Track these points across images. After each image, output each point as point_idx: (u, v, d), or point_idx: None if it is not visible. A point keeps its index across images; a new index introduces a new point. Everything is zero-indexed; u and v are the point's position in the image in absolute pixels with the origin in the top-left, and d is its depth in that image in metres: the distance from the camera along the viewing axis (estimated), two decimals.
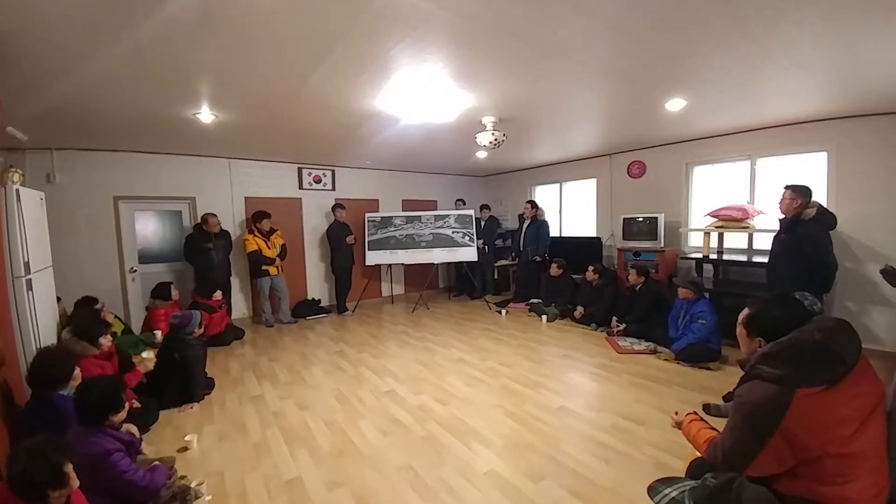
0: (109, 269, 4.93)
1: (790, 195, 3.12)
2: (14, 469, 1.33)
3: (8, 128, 3.43)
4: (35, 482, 1.32)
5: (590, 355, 4.08)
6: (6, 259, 2.57)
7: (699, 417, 1.69)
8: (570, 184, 6.90)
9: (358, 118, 3.73)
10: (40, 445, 1.38)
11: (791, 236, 3.10)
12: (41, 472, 1.33)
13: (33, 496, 1.34)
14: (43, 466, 1.34)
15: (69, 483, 1.40)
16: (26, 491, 1.33)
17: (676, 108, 3.61)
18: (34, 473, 1.32)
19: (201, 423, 2.89)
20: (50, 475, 1.34)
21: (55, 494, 1.36)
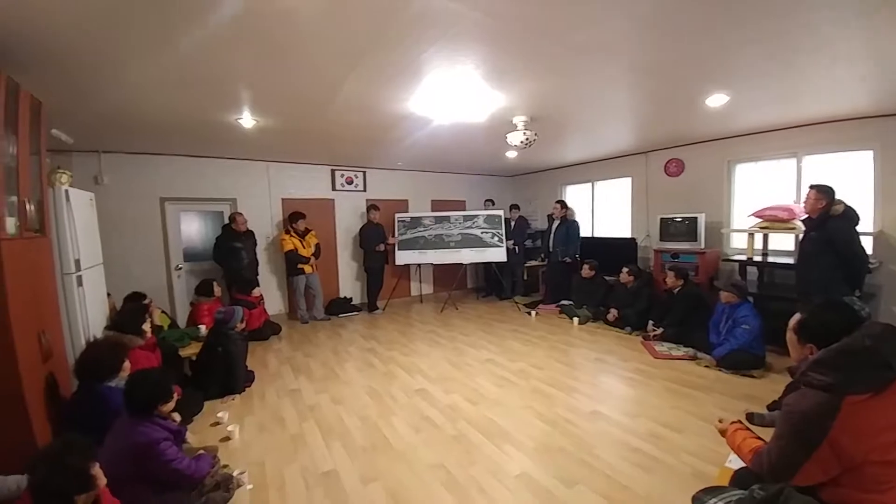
0: (156, 266, 5.24)
1: (815, 195, 3.14)
2: (35, 479, 1.27)
3: (52, 130, 3.58)
4: (59, 491, 1.27)
5: (624, 359, 3.97)
6: (56, 257, 2.74)
7: (744, 426, 1.65)
8: (603, 183, 6.73)
9: (390, 120, 3.79)
10: (61, 451, 1.33)
11: (821, 233, 3.11)
12: (64, 479, 1.27)
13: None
14: (66, 473, 1.28)
15: (94, 484, 1.36)
16: (48, 499, 1.27)
17: (718, 104, 3.47)
18: (57, 482, 1.26)
19: (242, 414, 3.03)
20: (75, 481, 1.29)
21: (82, 498, 1.31)
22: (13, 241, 2.10)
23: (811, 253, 3.20)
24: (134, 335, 2.76)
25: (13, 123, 2.21)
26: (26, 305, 2.16)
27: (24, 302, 2.15)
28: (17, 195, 2.21)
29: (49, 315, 2.49)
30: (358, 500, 2.07)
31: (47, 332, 2.34)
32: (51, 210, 2.70)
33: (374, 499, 2.08)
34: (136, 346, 2.72)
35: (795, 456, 1.26)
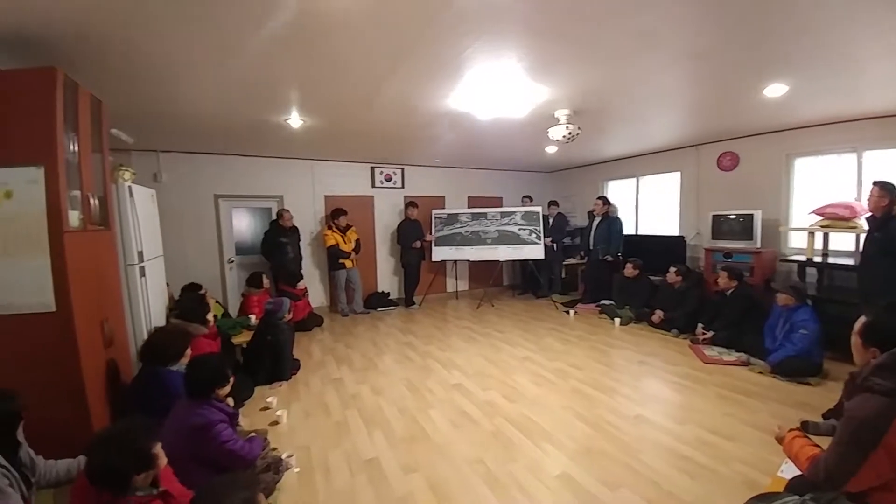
0: (210, 259, 5.59)
1: (878, 192, 2.99)
2: (95, 459, 1.28)
3: (113, 129, 3.81)
4: (118, 471, 1.28)
5: (670, 363, 3.80)
6: (119, 249, 2.95)
7: (802, 434, 1.62)
8: (648, 178, 6.44)
9: (430, 117, 3.83)
10: (124, 432, 1.35)
11: (885, 233, 2.95)
12: (124, 459, 1.29)
13: (115, 484, 1.28)
14: (127, 454, 1.30)
15: (156, 464, 1.39)
16: (108, 480, 1.28)
17: (777, 95, 3.27)
18: (117, 462, 1.28)
19: (289, 400, 3.18)
20: (136, 460, 1.32)
21: (141, 477, 1.33)
22: (76, 233, 2.22)
23: (874, 254, 3.06)
24: (199, 324, 2.96)
25: (73, 121, 2.29)
26: (89, 295, 2.30)
27: (87, 292, 2.28)
28: (80, 190, 2.33)
29: (112, 304, 2.67)
30: (400, 489, 2.13)
31: (110, 321, 2.52)
32: (114, 205, 2.88)
33: (414, 489, 2.12)
34: (200, 334, 2.92)
35: (852, 462, 1.25)
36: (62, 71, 2.13)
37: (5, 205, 2.03)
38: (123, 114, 3.39)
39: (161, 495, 1.36)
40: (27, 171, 2.05)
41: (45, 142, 2.06)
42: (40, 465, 1.78)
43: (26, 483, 1.65)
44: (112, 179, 2.97)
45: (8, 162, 2.03)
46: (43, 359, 2.08)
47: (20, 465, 1.66)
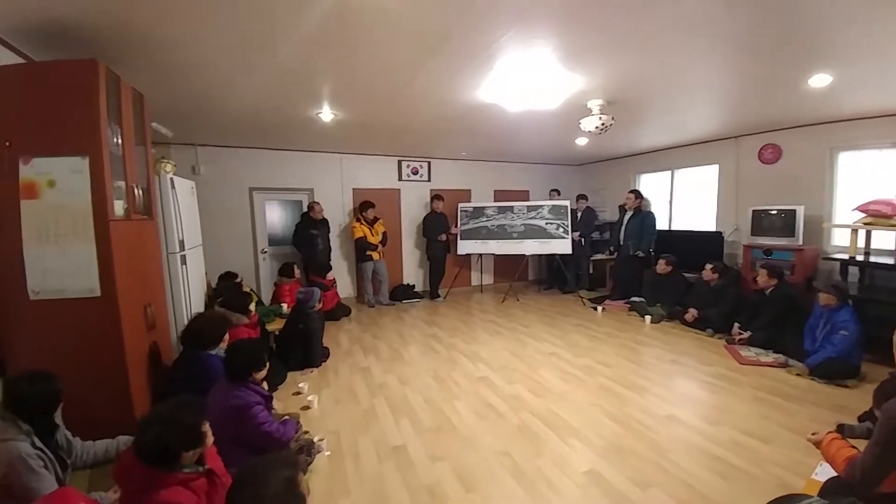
0: (245, 249, 5.80)
1: None
2: (146, 436, 1.31)
3: (153, 123, 3.87)
4: (168, 447, 1.32)
5: (704, 363, 3.67)
6: (162, 238, 3.09)
7: (840, 437, 1.64)
8: (684, 171, 6.19)
9: (459, 110, 3.80)
10: (174, 410, 1.38)
11: None
12: (175, 436, 1.33)
13: (164, 461, 1.32)
14: (177, 430, 1.34)
15: (203, 441, 1.43)
16: (157, 456, 1.31)
17: (821, 85, 3.10)
18: (167, 438, 1.31)
19: (320, 386, 3.28)
20: (186, 436, 1.36)
21: (189, 454, 1.37)
22: (121, 222, 2.32)
23: None
24: (241, 314, 3.09)
25: (116, 113, 2.35)
26: (133, 281, 2.40)
27: (132, 278, 2.38)
28: (124, 181, 2.43)
29: (155, 290, 2.80)
30: (427, 477, 2.16)
31: (153, 305, 2.65)
32: (157, 196, 3.02)
33: (441, 478, 2.15)
34: (241, 324, 3.05)
35: (887, 462, 1.27)
36: (104, 63, 2.18)
37: (49, 193, 2.10)
38: (163, 108, 3.51)
39: (206, 473, 1.42)
40: (71, 161, 2.11)
41: (88, 132, 2.12)
42: (77, 447, 1.85)
43: (61, 464, 1.71)
44: (154, 171, 3.10)
45: (51, 152, 2.09)
46: (88, 341, 2.18)
47: (56, 447, 1.73)
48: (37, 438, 1.61)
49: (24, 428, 1.58)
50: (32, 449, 1.57)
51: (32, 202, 2.09)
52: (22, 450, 1.53)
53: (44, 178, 2.09)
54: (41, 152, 2.09)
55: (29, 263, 2.10)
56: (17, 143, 2.06)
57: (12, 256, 2.09)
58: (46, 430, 1.70)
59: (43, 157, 2.09)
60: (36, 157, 2.09)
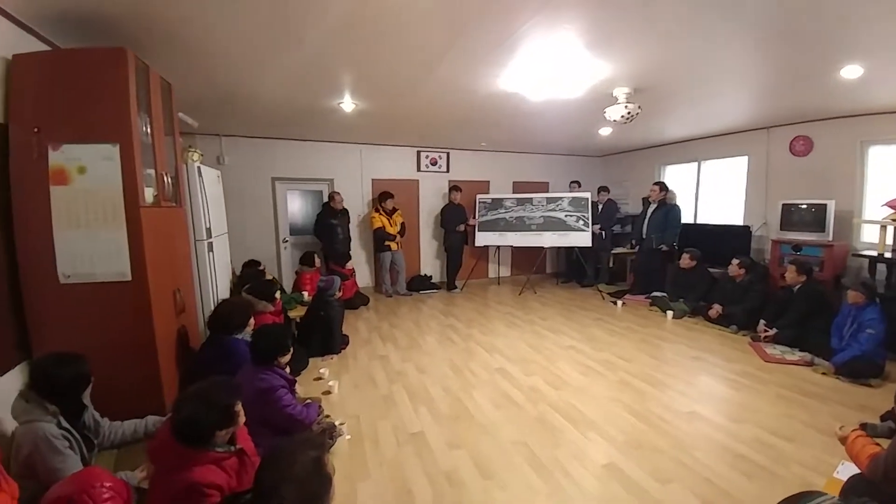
0: (267, 238, 5.92)
1: None
2: (181, 414, 1.35)
3: (179, 113, 3.91)
4: (203, 424, 1.35)
5: (728, 360, 3.58)
6: (189, 225, 3.15)
7: (865, 434, 1.65)
8: (711, 163, 5.99)
9: (481, 99, 3.76)
10: (209, 390, 1.42)
11: None
12: (210, 414, 1.37)
13: (199, 439, 1.35)
14: (212, 409, 1.38)
15: (237, 421, 1.47)
16: (193, 433, 1.35)
17: (853, 77, 2.99)
18: (203, 416, 1.35)
19: (340, 372, 3.35)
20: (220, 416, 1.39)
21: (222, 433, 1.42)
22: (151, 209, 2.35)
23: None
24: (267, 302, 3.17)
25: (146, 102, 2.36)
26: (163, 266, 2.44)
27: (161, 263, 2.42)
28: (154, 169, 2.47)
29: (183, 276, 2.87)
30: (445, 463, 2.19)
31: (181, 290, 2.73)
32: (185, 184, 3.07)
33: (459, 464, 2.17)
34: (267, 311, 3.13)
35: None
36: (133, 52, 2.18)
37: (79, 179, 2.11)
38: (189, 98, 3.57)
39: (238, 453, 1.47)
40: (102, 149, 2.12)
41: (119, 121, 2.13)
42: (104, 427, 1.88)
43: (88, 445, 1.73)
44: (182, 160, 3.17)
45: (81, 139, 2.10)
46: (119, 324, 2.22)
47: (83, 428, 1.75)
48: (63, 419, 1.62)
49: (50, 409, 1.59)
50: (58, 429, 1.58)
51: (62, 188, 2.11)
52: (47, 430, 1.54)
53: (74, 165, 2.10)
54: (71, 139, 2.10)
55: (59, 248, 2.12)
56: (46, 130, 2.06)
57: (42, 240, 2.11)
58: (74, 410, 1.71)
59: (73, 143, 2.10)
60: (66, 143, 2.09)
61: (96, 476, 1.33)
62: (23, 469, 1.53)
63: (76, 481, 1.30)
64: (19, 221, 2.08)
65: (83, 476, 1.35)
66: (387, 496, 1.95)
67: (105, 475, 1.36)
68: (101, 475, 1.35)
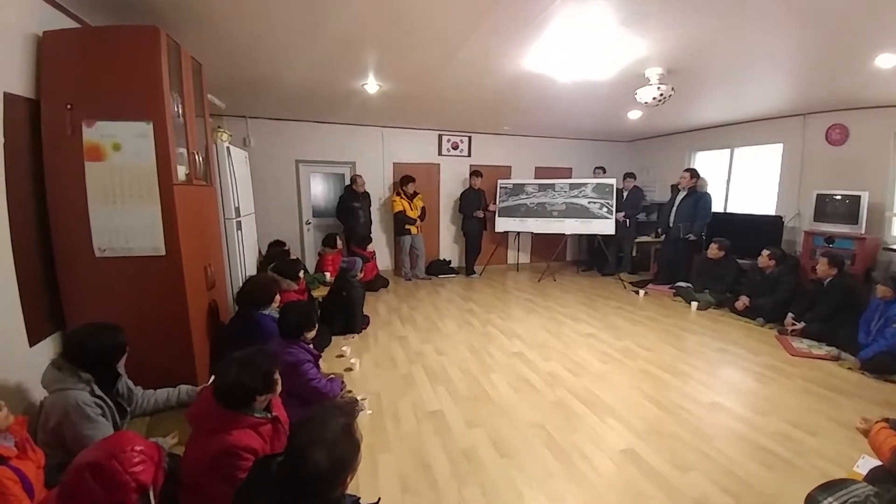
0: (291, 219, 6.04)
1: None
2: (226, 378, 1.40)
3: (208, 95, 4.02)
4: (246, 388, 1.41)
5: (753, 353, 3.50)
6: (219, 203, 3.22)
7: (889, 426, 1.63)
8: (744, 150, 5.73)
9: (506, 81, 3.68)
10: (251, 356, 1.47)
11: None
12: (252, 379, 1.42)
13: (240, 402, 1.41)
14: (254, 374, 1.43)
15: (275, 388, 1.52)
16: (235, 397, 1.40)
17: (887, 66, 2.88)
18: (246, 381, 1.41)
19: (361, 350, 3.43)
20: (261, 382, 1.45)
21: (261, 399, 1.47)
22: (183, 186, 2.37)
23: None
24: (291, 281, 3.26)
25: (178, 82, 2.37)
26: (195, 242, 2.48)
27: (193, 239, 2.46)
28: (186, 148, 2.50)
29: (214, 252, 2.94)
30: (463, 440, 2.24)
31: (212, 266, 2.80)
32: (215, 164, 3.11)
33: (477, 443, 2.22)
34: (291, 290, 3.22)
35: None
36: (164, 30, 2.17)
37: (114, 156, 2.13)
38: (216, 79, 3.58)
39: (273, 420, 1.53)
40: (136, 126, 2.14)
41: (152, 99, 2.14)
42: (137, 395, 1.94)
43: (121, 412, 1.76)
44: (212, 140, 3.25)
45: (116, 116, 2.11)
46: (153, 297, 2.28)
47: (116, 396, 1.78)
48: (97, 387, 1.64)
49: (84, 377, 1.61)
50: (91, 397, 1.60)
51: (97, 164, 2.13)
52: (79, 398, 1.56)
53: (108, 142, 2.12)
54: (105, 116, 2.11)
55: (94, 222, 2.16)
56: (79, 107, 2.07)
57: (77, 215, 2.14)
58: (108, 379, 1.74)
59: (107, 121, 2.11)
60: (100, 120, 2.11)
61: (127, 440, 1.26)
62: (50, 437, 1.55)
63: (105, 446, 1.22)
64: (52, 196, 2.11)
65: (112, 441, 1.27)
66: (406, 469, 2.01)
67: (136, 438, 1.30)
68: (132, 439, 1.28)
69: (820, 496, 1.42)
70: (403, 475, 1.97)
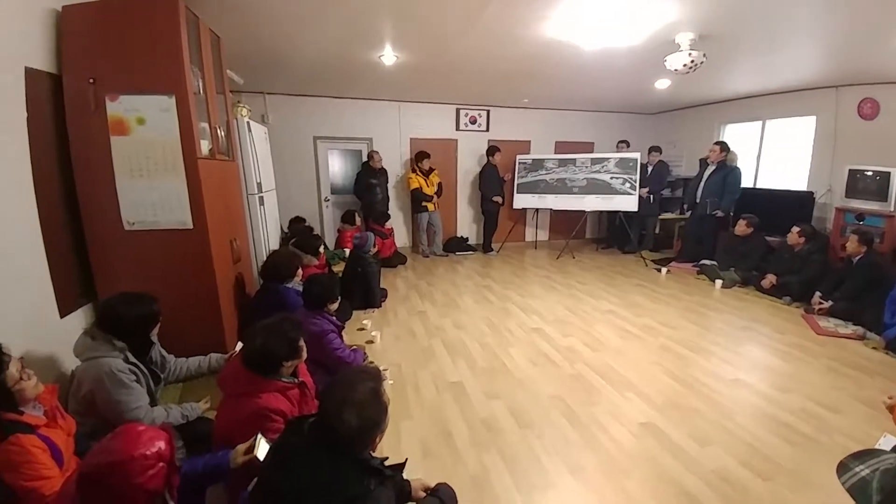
0: (310, 196, 6.09)
1: None
2: (253, 344, 1.45)
3: (227, 70, 4.00)
4: (273, 354, 1.46)
5: (778, 331, 3.42)
6: (242, 178, 3.24)
7: None
8: (776, 123, 5.44)
9: (527, 49, 3.54)
10: (278, 324, 1.51)
11: None
12: (279, 345, 1.47)
13: (268, 368, 1.46)
14: (281, 341, 1.47)
15: (300, 355, 1.57)
16: (262, 362, 1.45)
17: None
18: (272, 347, 1.45)
19: (381, 324, 3.50)
20: (286, 348, 1.49)
21: (288, 364, 1.52)
22: (207, 160, 2.41)
23: None
24: (312, 255, 3.32)
25: (198, 56, 2.36)
26: (220, 216, 2.54)
27: (218, 213, 2.51)
28: (207, 122, 2.52)
29: (238, 227, 3.00)
30: (482, 410, 2.29)
31: (237, 240, 2.87)
32: (236, 139, 3.12)
33: (496, 412, 2.27)
34: (311, 265, 3.29)
35: None
36: (182, 2, 2.15)
37: (139, 130, 2.14)
38: (234, 54, 3.55)
39: (300, 385, 1.60)
40: (159, 100, 2.14)
41: (173, 72, 2.13)
42: (170, 363, 1.99)
43: (155, 379, 1.81)
44: (233, 115, 3.25)
45: (139, 90, 2.11)
46: (181, 269, 2.34)
47: (150, 363, 1.82)
48: (131, 354, 1.68)
49: (118, 345, 1.64)
50: (125, 364, 1.63)
51: (122, 138, 2.14)
52: (113, 365, 1.59)
53: (133, 116, 2.13)
54: (128, 90, 2.11)
55: (122, 196, 2.19)
56: (101, 81, 2.07)
57: (105, 189, 2.17)
58: (141, 347, 1.77)
59: (130, 94, 2.11)
60: (123, 94, 2.11)
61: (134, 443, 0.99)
62: (81, 405, 1.59)
63: (110, 453, 0.97)
64: (79, 170, 2.14)
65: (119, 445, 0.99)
66: (428, 436, 2.08)
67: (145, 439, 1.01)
68: (140, 440, 1.00)
69: (852, 464, 1.43)
70: (425, 441, 2.03)
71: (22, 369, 1.26)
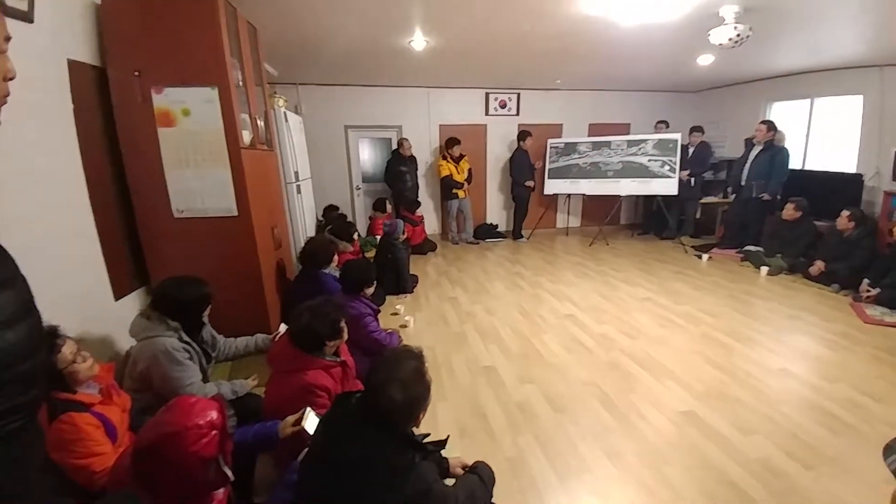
0: (341, 185, 6.21)
1: None
2: (299, 324, 1.54)
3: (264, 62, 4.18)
4: (317, 334, 1.55)
5: (826, 320, 3.25)
6: (280, 167, 3.33)
7: None
8: (825, 101, 5.05)
9: (562, 26, 3.42)
10: (322, 306, 1.60)
11: None
12: (322, 325, 1.55)
13: (312, 346, 1.56)
14: (324, 321, 1.56)
15: (342, 335, 1.66)
16: (308, 341, 1.55)
17: None
18: (316, 327, 1.54)
19: (413, 310, 3.57)
20: (329, 328, 1.58)
21: (331, 344, 1.61)
22: (248, 150, 2.49)
23: None
24: (346, 242, 3.42)
25: (236, 46, 2.41)
26: (262, 204, 2.64)
27: (260, 201, 2.61)
28: (248, 113, 2.59)
29: (278, 214, 3.11)
30: (516, 395, 2.31)
31: (277, 227, 2.97)
32: (274, 129, 3.21)
33: (530, 397, 2.28)
34: (347, 251, 3.39)
35: None
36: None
37: (184, 121, 2.22)
38: (268, 44, 3.59)
39: (342, 364, 1.69)
40: (202, 91, 2.20)
41: (214, 64, 2.19)
42: (220, 343, 2.11)
43: (206, 357, 1.90)
44: (270, 106, 3.35)
45: (183, 82, 2.18)
46: (228, 254, 2.45)
47: (202, 343, 1.91)
48: (184, 334, 1.77)
49: (172, 325, 1.72)
50: (179, 343, 1.72)
51: (169, 129, 2.22)
52: (168, 344, 1.67)
53: (178, 107, 2.20)
54: (172, 82, 2.17)
55: (171, 185, 2.29)
56: (146, 73, 2.14)
57: (154, 179, 2.27)
58: (194, 327, 1.86)
59: (175, 86, 2.18)
60: (168, 86, 2.17)
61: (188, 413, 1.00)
62: (137, 382, 1.68)
63: (165, 425, 0.99)
64: (129, 160, 2.24)
65: (175, 416, 1.01)
66: (464, 416, 2.12)
67: (198, 406, 1.03)
68: (194, 408, 1.02)
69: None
70: (461, 422, 2.08)
71: (77, 352, 1.31)
